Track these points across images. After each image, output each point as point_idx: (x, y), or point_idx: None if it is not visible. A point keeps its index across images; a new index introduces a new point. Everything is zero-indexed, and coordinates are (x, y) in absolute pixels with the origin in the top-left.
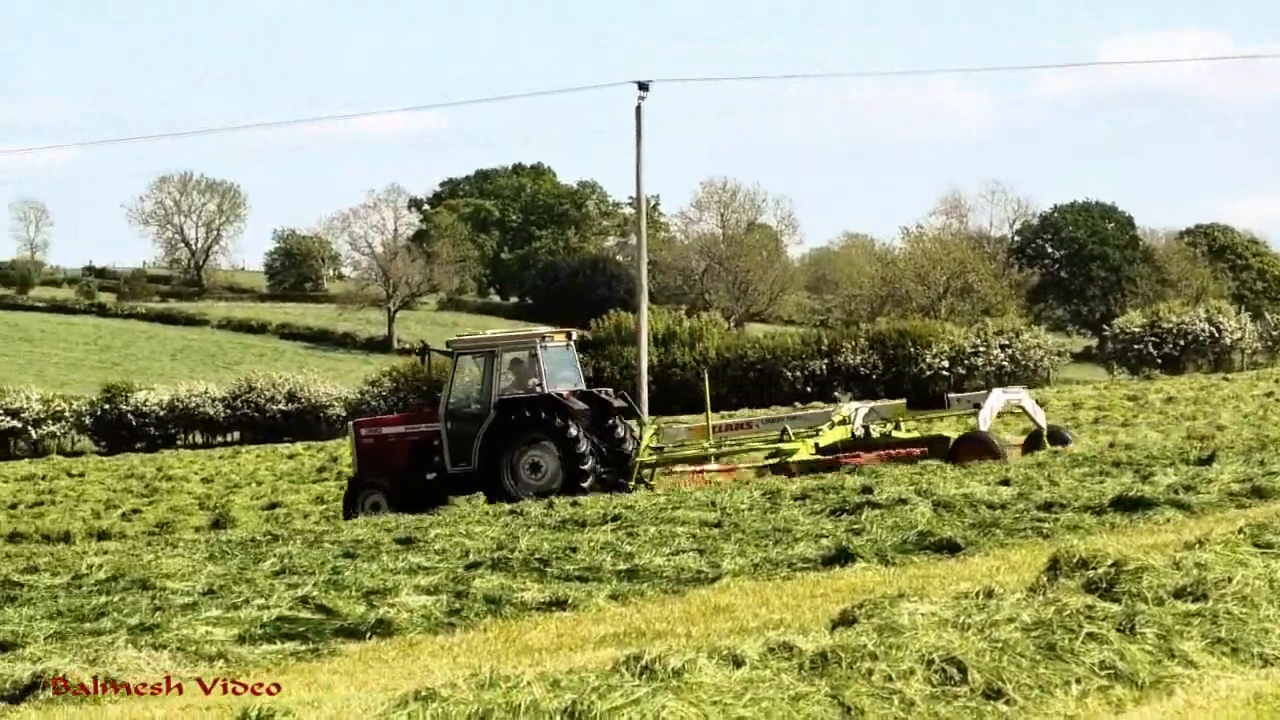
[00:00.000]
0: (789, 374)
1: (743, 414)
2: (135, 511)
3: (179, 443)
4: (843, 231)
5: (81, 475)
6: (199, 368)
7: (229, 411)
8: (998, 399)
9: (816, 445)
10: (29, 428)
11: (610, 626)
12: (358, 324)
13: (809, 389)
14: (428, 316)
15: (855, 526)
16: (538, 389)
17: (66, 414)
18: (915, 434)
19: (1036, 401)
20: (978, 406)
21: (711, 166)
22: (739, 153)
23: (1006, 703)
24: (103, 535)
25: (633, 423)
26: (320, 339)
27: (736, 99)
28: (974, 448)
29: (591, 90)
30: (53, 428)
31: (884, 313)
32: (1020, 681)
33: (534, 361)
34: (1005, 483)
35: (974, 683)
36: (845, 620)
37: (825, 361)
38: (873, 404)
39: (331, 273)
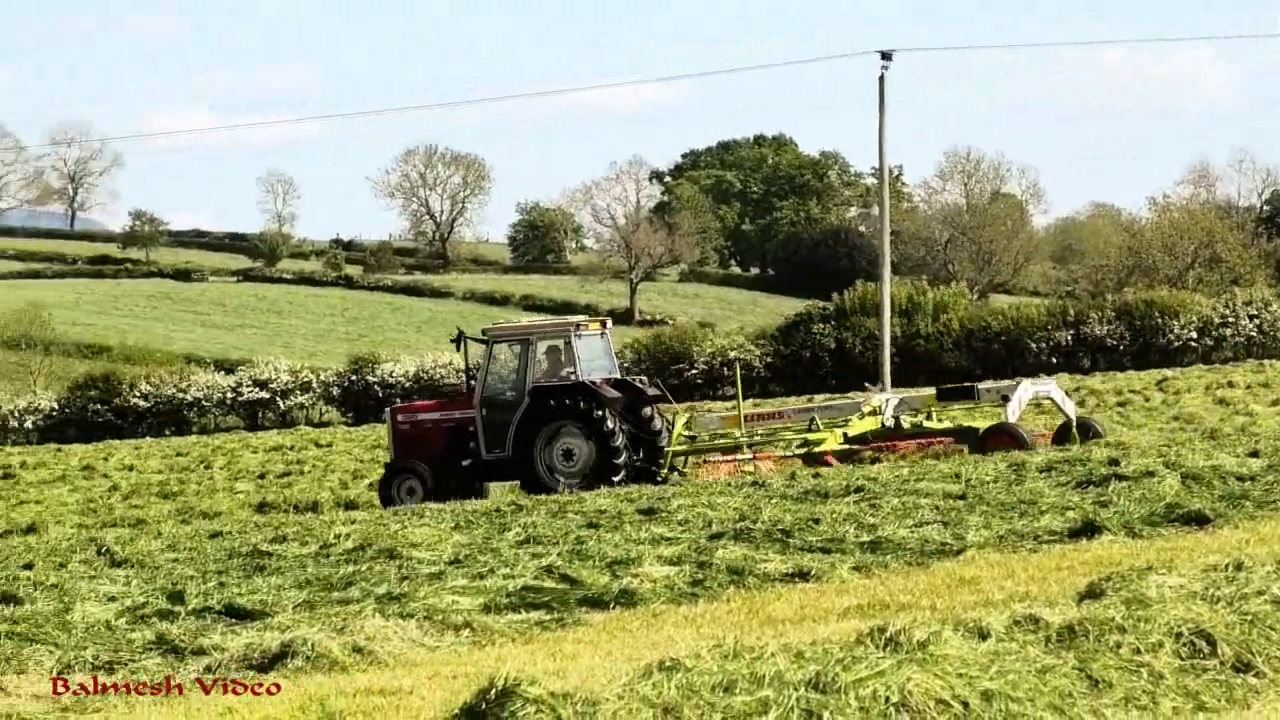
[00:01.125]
0: (1034, 345)
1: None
2: None
3: None
4: (1089, 201)
5: (329, 445)
6: (444, 339)
7: (472, 383)
8: (1026, 391)
9: (845, 435)
10: (277, 399)
11: (854, 598)
12: (600, 296)
13: (1054, 360)
14: (669, 288)
15: (1102, 499)
16: (572, 377)
17: (314, 385)
18: (946, 424)
19: (1066, 392)
20: (1006, 398)
21: (955, 136)
22: (983, 121)
23: (1256, 675)
24: (350, 505)
25: (666, 410)
26: (563, 310)
27: (981, 67)
28: (1001, 439)
29: (834, 60)
30: (300, 398)
31: (1130, 283)
32: (1270, 654)
33: (568, 350)
34: (1255, 454)
35: (1223, 655)
36: (1092, 593)
37: (1071, 332)
38: (903, 395)
39: (574, 245)
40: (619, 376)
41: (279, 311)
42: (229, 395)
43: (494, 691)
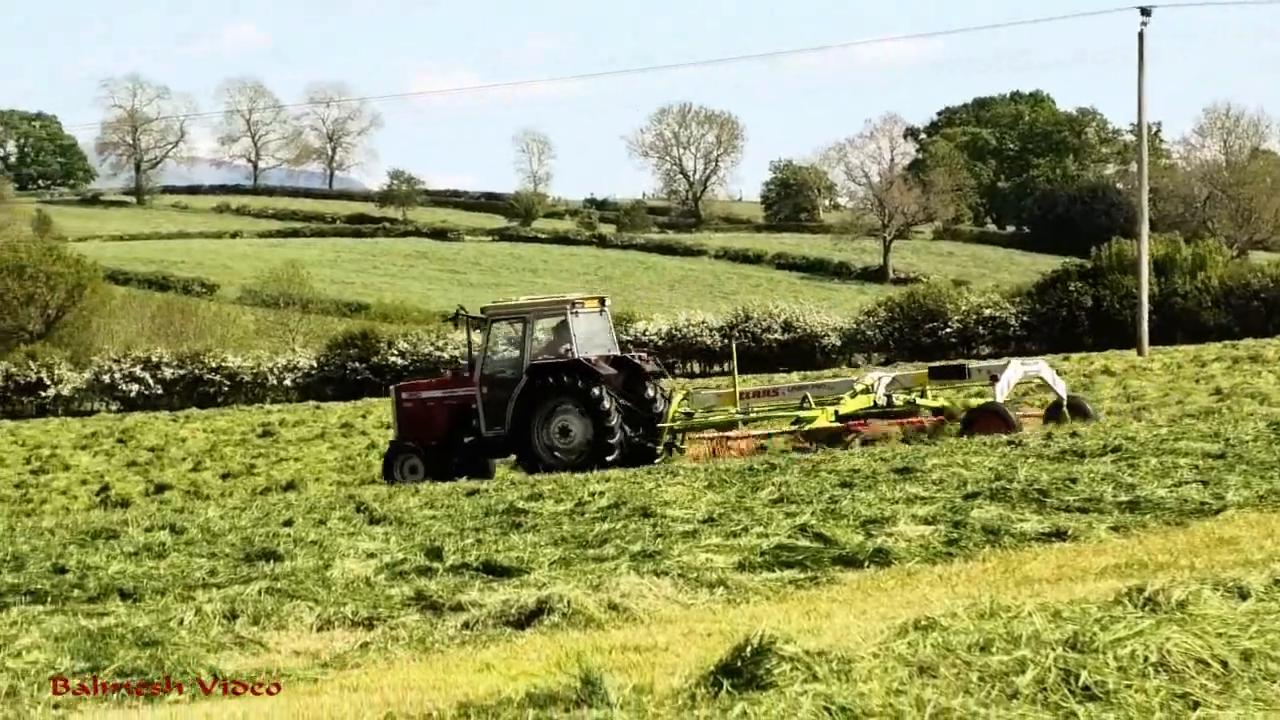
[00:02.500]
0: None
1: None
2: None
3: (676, 372)
4: None
5: None
6: (696, 297)
7: (725, 341)
8: (1015, 371)
9: (837, 414)
10: None
11: (1111, 558)
12: (853, 254)
13: None
14: (923, 246)
15: None
16: (569, 354)
17: None
18: (941, 403)
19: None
20: (995, 378)
21: (1215, 92)
22: (1244, 77)
23: None
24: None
25: (664, 385)
26: (815, 269)
27: (1242, 21)
28: (989, 420)
29: (1093, 16)
30: None
31: None
32: None
33: (565, 327)
34: None
35: None
36: None
37: None
38: (895, 373)
39: (827, 203)
40: (618, 353)
41: (534, 270)
42: None
43: (749, 649)
